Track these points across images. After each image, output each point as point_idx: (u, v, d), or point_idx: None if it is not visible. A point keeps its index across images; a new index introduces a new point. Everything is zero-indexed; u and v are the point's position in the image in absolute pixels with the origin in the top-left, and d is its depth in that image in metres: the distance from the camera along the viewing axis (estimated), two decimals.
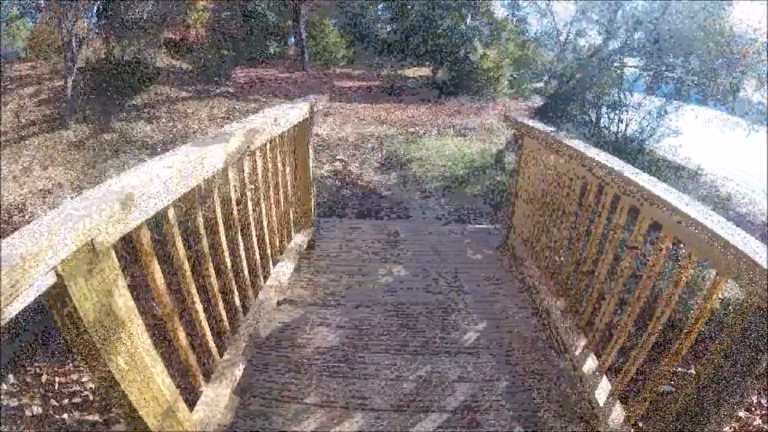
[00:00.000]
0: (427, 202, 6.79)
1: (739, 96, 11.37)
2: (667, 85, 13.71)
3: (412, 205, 6.63)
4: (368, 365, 2.94)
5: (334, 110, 12.78)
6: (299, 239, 4.50)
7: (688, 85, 13.02)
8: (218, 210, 2.49)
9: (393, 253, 4.65)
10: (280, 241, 3.97)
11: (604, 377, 2.56)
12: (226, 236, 2.70)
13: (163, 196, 1.65)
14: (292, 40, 20.80)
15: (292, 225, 4.39)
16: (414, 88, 16.33)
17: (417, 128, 11.29)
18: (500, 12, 24.62)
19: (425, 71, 18.42)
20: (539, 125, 4.22)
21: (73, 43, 13.89)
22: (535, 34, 26.36)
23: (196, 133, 9.62)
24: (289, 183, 4.09)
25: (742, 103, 11.24)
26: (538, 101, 19.40)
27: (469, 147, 10.01)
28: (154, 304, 3.32)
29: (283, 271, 3.80)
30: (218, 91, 12.92)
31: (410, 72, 17.76)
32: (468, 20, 16.81)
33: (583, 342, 2.85)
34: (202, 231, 2.30)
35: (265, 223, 3.41)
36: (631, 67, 15.58)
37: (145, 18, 18.77)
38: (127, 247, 2.32)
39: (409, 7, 19.18)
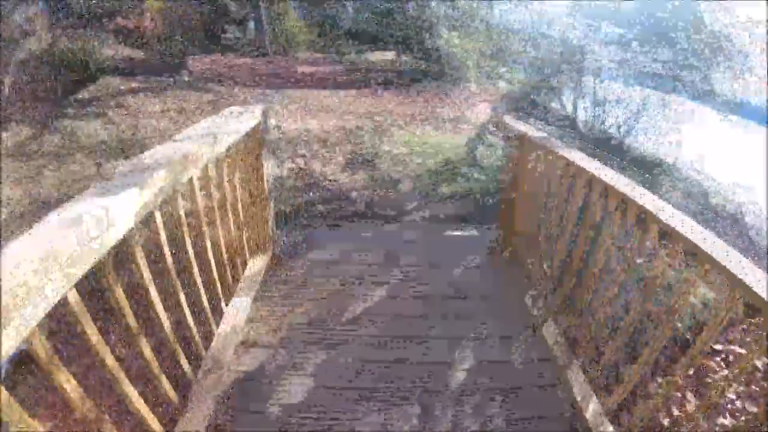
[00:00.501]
0: (401, 205, 6.20)
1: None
2: (647, 78, 13.40)
3: (384, 209, 6.02)
4: (344, 422, 2.39)
5: (297, 99, 12.04)
6: (257, 265, 3.90)
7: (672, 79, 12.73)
8: (143, 268, 1.85)
9: (370, 273, 4.06)
10: (234, 273, 3.35)
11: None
12: (163, 291, 2.07)
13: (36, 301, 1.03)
14: (253, 25, 19.80)
15: (247, 251, 3.77)
16: (380, 75, 15.64)
17: (385, 119, 10.65)
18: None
19: (392, 56, 17.75)
20: (537, 134, 3.74)
21: (15, 33, 12.86)
22: (505, 22, 26.06)
23: (146, 129, 8.79)
24: (240, 204, 3.47)
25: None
26: (507, 89, 19.00)
27: (440, 138, 9.44)
28: None
29: (239, 308, 3.19)
30: (172, 81, 12.02)
31: (376, 57, 17.04)
32: (434, 6, 16.14)
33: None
34: (124, 304, 1.67)
35: (212, 259, 2.78)
36: (605, 59, 15.25)
37: (95, 4, 17.65)
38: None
39: None
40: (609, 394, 2.46)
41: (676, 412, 3.58)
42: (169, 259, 2.17)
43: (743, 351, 4.05)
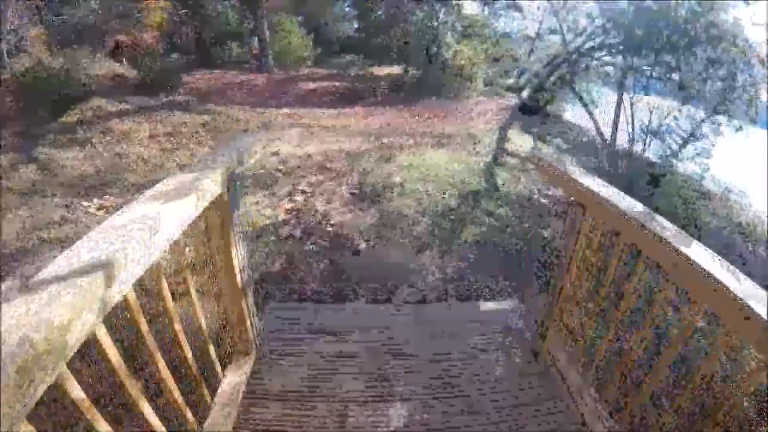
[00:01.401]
0: (418, 259, 4.93)
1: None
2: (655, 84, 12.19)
3: (399, 267, 4.76)
4: None
5: (298, 119, 10.83)
6: (234, 379, 2.62)
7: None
8: None
9: (386, 387, 2.81)
10: (199, 398, 2.11)
11: None
12: None
13: None
14: (256, 41, 18.56)
15: (217, 364, 2.50)
16: (384, 90, 14.41)
17: (391, 139, 9.41)
18: (471, 8, 22.93)
19: (395, 70, 16.49)
20: (608, 192, 2.46)
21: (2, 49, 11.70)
22: (506, 30, 24.86)
23: (130, 159, 7.56)
24: (199, 311, 2.20)
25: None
26: (512, 99, 17.73)
27: (453, 162, 8.18)
28: None
29: None
30: (165, 101, 10.80)
31: (379, 71, 15.81)
32: (441, 15, 14.91)
33: None
34: None
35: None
36: (609, 64, 14.04)
37: (91, 20, 16.46)
38: None
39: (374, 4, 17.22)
40: None
41: None
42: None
43: None
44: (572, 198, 2.65)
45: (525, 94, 20.73)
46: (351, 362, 2.98)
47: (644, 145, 6.74)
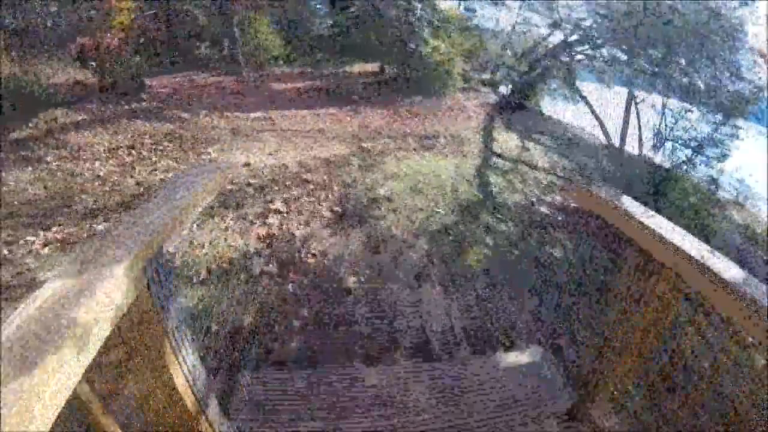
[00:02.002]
0: (418, 295, 4.03)
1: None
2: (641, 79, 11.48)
3: (397, 307, 3.85)
4: None
5: (270, 123, 9.80)
6: None
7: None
8: None
9: None
10: None
11: None
12: None
13: None
14: (226, 42, 17.36)
15: None
16: (360, 89, 13.43)
17: (373, 143, 8.46)
18: (444, 2, 21.99)
19: (372, 67, 15.51)
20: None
21: None
22: (480, 24, 23.99)
23: (84, 179, 6.48)
24: None
25: None
26: (490, 95, 16.90)
27: (441, 168, 7.29)
28: None
29: None
30: (128, 108, 9.66)
31: (355, 69, 14.81)
32: (417, 11, 13.95)
33: None
34: None
35: None
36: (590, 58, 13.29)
37: (52, 24, 15.10)
38: None
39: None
40: None
41: None
42: None
43: None
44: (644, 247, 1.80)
45: (502, 89, 19.98)
46: None
47: (657, 148, 5.89)
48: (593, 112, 6.74)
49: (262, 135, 8.65)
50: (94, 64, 11.16)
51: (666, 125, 5.90)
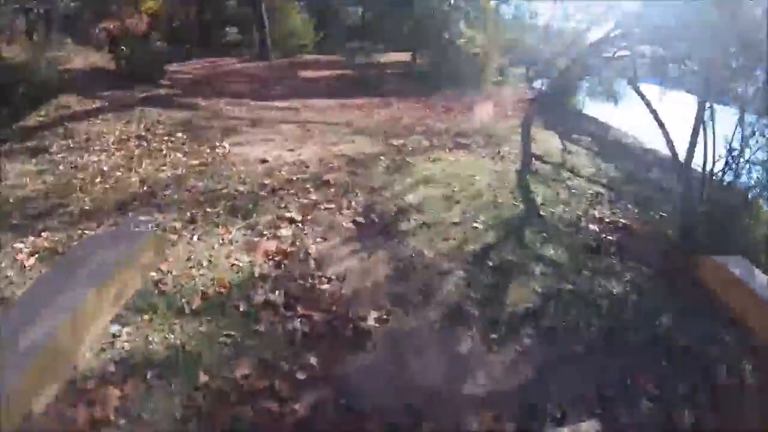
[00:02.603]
0: (454, 344, 3.13)
1: None
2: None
3: (424, 358, 2.98)
4: None
5: (294, 113, 8.93)
6: None
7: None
8: None
9: None
10: None
11: None
12: None
13: None
14: (255, 27, 16.53)
15: None
16: (391, 79, 12.47)
17: (403, 139, 7.51)
18: None
19: (404, 57, 14.50)
20: None
21: None
22: (517, 16, 22.67)
23: (87, 174, 5.69)
24: None
25: None
26: (526, 91, 15.74)
27: (478, 171, 6.33)
28: None
29: None
30: (145, 96, 8.90)
31: (387, 59, 13.83)
32: (452, 0, 12.89)
33: None
34: None
35: None
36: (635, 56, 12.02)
37: (76, 8, 14.40)
38: None
39: None
40: None
41: None
42: None
43: None
44: None
45: (538, 84, 18.74)
46: None
47: (730, 167, 4.77)
48: (657, 119, 5.63)
49: (284, 127, 7.80)
50: (116, 48, 10.39)
51: (743, 139, 4.73)
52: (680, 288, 4.11)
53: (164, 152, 6.36)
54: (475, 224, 4.71)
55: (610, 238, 5.04)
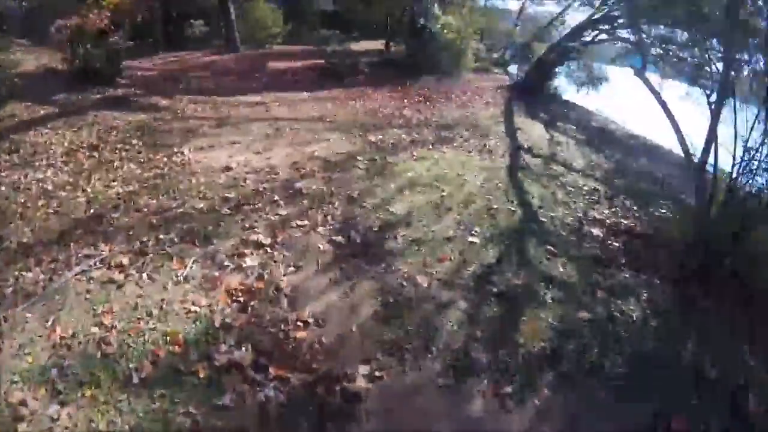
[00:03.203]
0: (458, 403, 2.46)
1: None
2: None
3: (429, 425, 2.30)
4: None
5: (265, 109, 8.07)
6: None
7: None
8: None
9: None
10: None
11: None
12: None
13: None
14: (221, 17, 15.42)
15: None
16: (365, 68, 11.62)
17: (383, 134, 6.77)
18: None
19: (378, 45, 13.64)
20: None
21: None
22: (488, 1, 21.83)
23: (28, 194, 4.80)
24: None
25: None
26: (503, 77, 15.04)
27: (467, 170, 5.63)
28: None
29: None
30: (101, 97, 7.94)
31: (360, 47, 12.95)
32: None
33: None
34: None
35: None
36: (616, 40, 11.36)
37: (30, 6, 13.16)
38: None
39: None
40: None
41: None
42: None
43: None
44: None
45: (513, 69, 18.03)
46: None
47: (747, 168, 4.07)
48: (667, 111, 4.97)
49: (253, 126, 6.96)
50: (70, 46, 9.30)
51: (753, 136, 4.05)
52: (702, 305, 3.51)
53: (117, 164, 5.49)
54: (471, 238, 4.01)
55: (616, 244, 4.42)
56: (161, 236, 3.81)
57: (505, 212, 4.61)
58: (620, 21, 10.84)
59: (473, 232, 4.11)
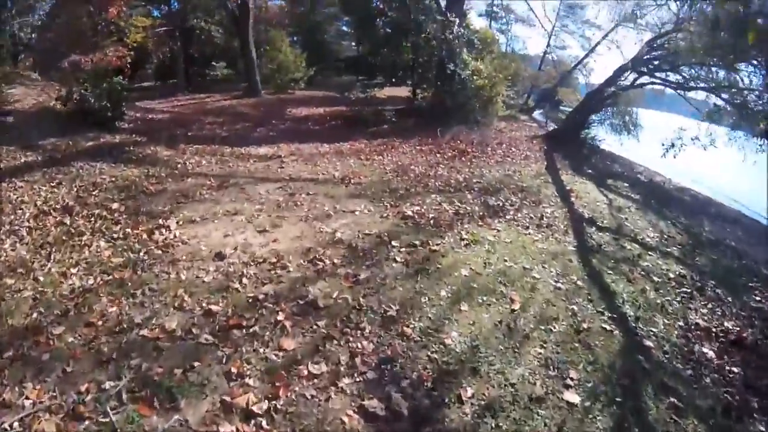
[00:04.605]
0: None
1: None
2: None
3: None
4: None
5: (278, 165, 6.60)
6: None
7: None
8: None
9: None
10: None
11: None
12: None
13: None
14: (243, 60, 14.26)
15: None
16: (391, 116, 10.21)
17: (419, 203, 5.21)
18: (477, 22, 18.69)
19: (403, 92, 12.26)
20: None
21: None
22: (511, 45, 20.67)
23: None
24: None
25: None
26: (531, 123, 13.60)
27: (531, 259, 4.05)
28: None
29: None
30: (90, 144, 6.52)
31: (385, 93, 11.59)
32: (455, 27, 10.66)
33: None
34: None
35: None
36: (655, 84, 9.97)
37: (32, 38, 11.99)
38: None
39: (378, 22, 12.95)
40: None
41: None
42: None
43: None
44: None
45: (538, 115, 16.61)
46: None
47: None
48: None
49: (262, 188, 5.46)
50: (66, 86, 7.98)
51: None
52: None
53: (86, 238, 4.00)
54: (568, 394, 2.43)
55: (735, 370, 2.85)
56: (106, 383, 2.27)
57: (599, 334, 3.02)
58: (656, 63, 9.55)
59: (568, 380, 2.51)
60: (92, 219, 4.42)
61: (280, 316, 2.91)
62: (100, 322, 2.87)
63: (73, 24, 11.84)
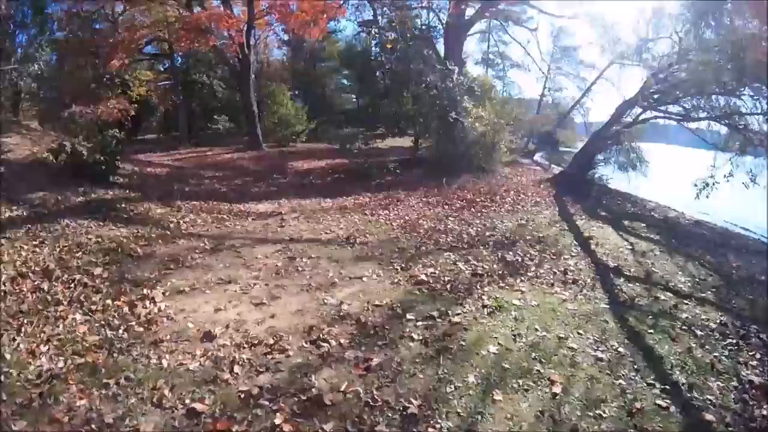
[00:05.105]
0: None
1: None
2: None
3: None
4: None
5: (278, 224, 6.12)
6: None
7: None
8: None
9: None
10: None
11: None
12: None
13: None
14: (245, 114, 14.09)
15: None
16: (395, 167, 9.85)
17: (432, 264, 4.67)
18: (474, 70, 18.79)
19: (405, 142, 11.99)
20: None
21: None
22: (507, 91, 20.71)
23: None
24: None
25: None
26: (535, 168, 13.28)
27: (564, 324, 3.51)
28: None
29: None
30: (80, 200, 6.10)
31: (386, 144, 11.29)
32: (455, 76, 10.49)
33: None
34: None
35: None
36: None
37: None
38: None
39: (378, 74, 12.83)
40: None
41: None
42: None
43: None
44: None
45: (539, 157, 16.36)
46: None
47: None
48: None
49: (259, 251, 4.96)
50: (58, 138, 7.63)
51: None
52: None
53: (62, 309, 3.47)
54: None
55: None
56: None
57: (655, 414, 2.52)
58: (656, 96, 9.32)
59: None
60: (72, 285, 3.91)
61: (278, 419, 2.33)
62: (66, 418, 2.32)
63: (76, 74, 11.71)
